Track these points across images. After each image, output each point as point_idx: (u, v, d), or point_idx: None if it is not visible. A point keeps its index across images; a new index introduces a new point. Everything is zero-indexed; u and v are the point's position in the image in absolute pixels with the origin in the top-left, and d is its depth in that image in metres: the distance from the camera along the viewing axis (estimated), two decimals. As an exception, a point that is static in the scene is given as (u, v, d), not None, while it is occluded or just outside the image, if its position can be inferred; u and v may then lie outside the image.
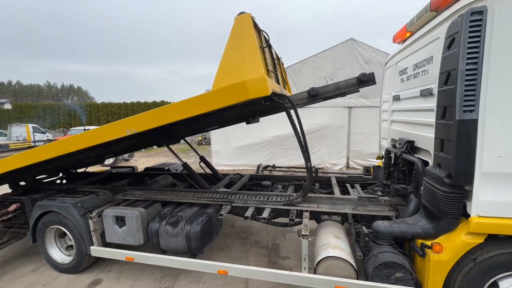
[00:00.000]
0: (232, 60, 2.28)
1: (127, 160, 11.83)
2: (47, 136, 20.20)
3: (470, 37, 1.72)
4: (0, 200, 3.63)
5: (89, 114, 26.44)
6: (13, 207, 3.45)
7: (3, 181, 3.77)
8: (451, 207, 1.93)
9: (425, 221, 2.15)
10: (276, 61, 3.31)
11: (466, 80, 1.74)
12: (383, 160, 3.69)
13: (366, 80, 2.54)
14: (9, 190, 3.87)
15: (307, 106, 3.33)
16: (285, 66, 4.54)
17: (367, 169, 4.14)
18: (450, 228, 1.99)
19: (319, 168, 4.37)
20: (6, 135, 18.91)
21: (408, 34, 3.12)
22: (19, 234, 3.51)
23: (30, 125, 19.57)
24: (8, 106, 37.71)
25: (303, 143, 2.52)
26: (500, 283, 1.90)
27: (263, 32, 2.66)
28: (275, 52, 3.42)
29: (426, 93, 2.39)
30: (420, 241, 2.09)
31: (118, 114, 26.61)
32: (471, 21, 1.72)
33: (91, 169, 4.98)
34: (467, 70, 1.74)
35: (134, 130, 2.58)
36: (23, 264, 3.42)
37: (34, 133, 18.81)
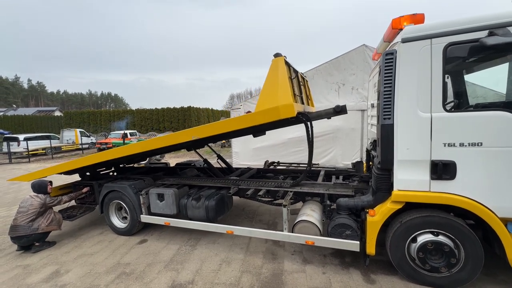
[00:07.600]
0: (269, 90, 3.00)
1: (159, 160, 13.42)
2: (91, 140, 22.96)
3: (386, 70, 2.60)
4: (75, 184, 5.06)
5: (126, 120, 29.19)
6: (85, 189, 4.84)
7: (75, 172, 5.19)
8: (382, 184, 2.79)
9: (371, 197, 3.00)
10: (301, 83, 3.90)
11: (385, 98, 2.61)
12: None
13: (340, 110, 3.40)
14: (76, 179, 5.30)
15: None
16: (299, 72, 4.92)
17: (354, 165, 4.93)
18: (383, 200, 2.84)
19: (315, 164, 5.25)
20: (59, 138, 21.91)
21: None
22: (90, 208, 4.90)
23: (78, 130, 22.49)
24: (57, 113, 42.45)
25: (311, 150, 3.38)
26: (418, 238, 2.69)
27: (292, 67, 3.35)
28: (301, 75, 3.96)
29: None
30: (366, 210, 2.95)
31: (151, 119, 29.04)
32: (386, 59, 2.59)
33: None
34: (385, 91, 2.61)
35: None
36: (93, 229, 4.77)
37: (82, 137, 21.60)
